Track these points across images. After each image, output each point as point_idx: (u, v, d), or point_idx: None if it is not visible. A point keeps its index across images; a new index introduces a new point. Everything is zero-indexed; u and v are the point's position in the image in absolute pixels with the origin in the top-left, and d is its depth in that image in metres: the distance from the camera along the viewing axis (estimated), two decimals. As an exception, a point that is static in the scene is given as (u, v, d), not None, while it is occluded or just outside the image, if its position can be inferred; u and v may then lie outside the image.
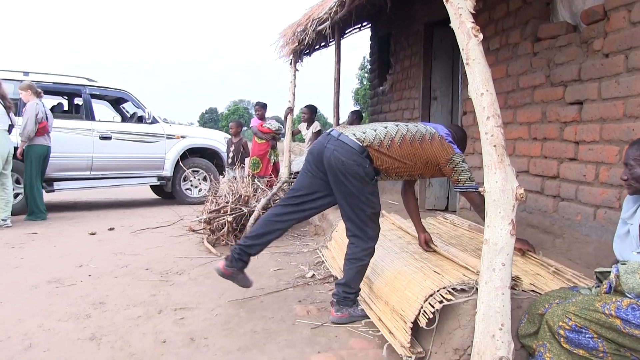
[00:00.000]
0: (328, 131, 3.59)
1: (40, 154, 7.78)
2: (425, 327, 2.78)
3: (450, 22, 2.47)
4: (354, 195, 3.37)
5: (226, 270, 3.73)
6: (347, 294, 3.46)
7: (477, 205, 3.38)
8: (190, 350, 3.11)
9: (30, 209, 7.82)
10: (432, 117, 6.59)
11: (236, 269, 3.74)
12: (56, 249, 5.89)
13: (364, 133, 3.41)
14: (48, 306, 3.90)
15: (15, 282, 4.54)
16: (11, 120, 7.41)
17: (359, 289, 3.55)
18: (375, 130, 3.44)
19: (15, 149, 7.61)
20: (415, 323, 2.82)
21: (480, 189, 2.41)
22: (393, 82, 7.95)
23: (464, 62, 2.39)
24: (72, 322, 3.56)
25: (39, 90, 7.80)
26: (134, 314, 3.72)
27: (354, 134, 3.39)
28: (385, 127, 3.48)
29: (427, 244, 3.86)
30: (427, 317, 2.75)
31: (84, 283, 4.51)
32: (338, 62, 7.33)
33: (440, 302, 2.76)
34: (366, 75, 39.45)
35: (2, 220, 7.18)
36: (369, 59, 9.64)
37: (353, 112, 8.60)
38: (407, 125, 3.52)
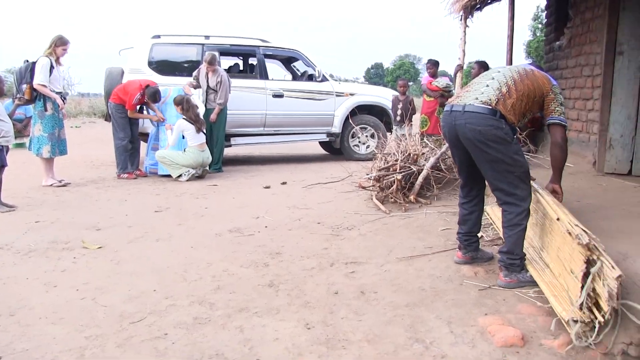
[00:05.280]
0: (448, 109, 3.53)
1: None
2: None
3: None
4: (499, 161, 3.30)
5: (464, 256, 3.83)
6: (512, 260, 3.38)
7: (559, 143, 3.44)
8: (361, 303, 3.20)
9: (215, 161, 8.51)
10: (616, 74, 6.01)
11: (471, 251, 3.82)
12: (234, 201, 6.34)
13: (482, 94, 3.38)
14: (231, 253, 4.23)
15: (202, 229, 4.98)
16: None
17: (524, 254, 3.44)
18: (488, 86, 3.42)
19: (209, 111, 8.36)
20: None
21: None
22: (571, 37, 7.34)
23: None
24: (252, 269, 3.83)
25: None
26: (308, 265, 3.91)
27: (476, 99, 3.36)
28: (493, 78, 3.47)
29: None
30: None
31: (261, 234, 4.82)
32: (512, 18, 6.94)
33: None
34: (540, 26, 37.03)
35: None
36: (544, 10, 8.99)
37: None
38: (506, 68, 3.57)
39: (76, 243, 4.51)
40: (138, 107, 8.02)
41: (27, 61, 7.08)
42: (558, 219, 3.14)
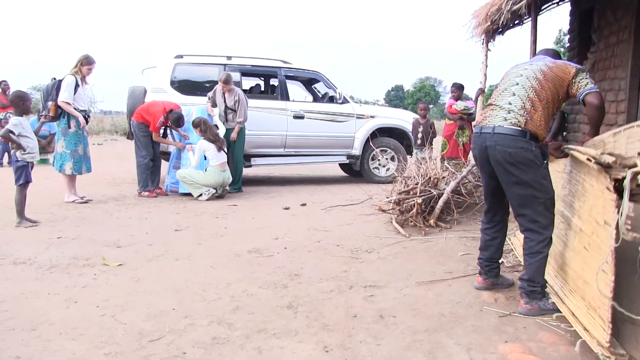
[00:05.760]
0: (477, 131, 3.52)
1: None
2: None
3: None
4: (526, 185, 3.29)
5: (484, 282, 3.82)
6: (533, 287, 3.34)
7: (596, 105, 3.29)
8: (380, 327, 3.18)
9: (235, 181, 8.53)
10: (642, 100, 5.96)
11: (492, 277, 3.81)
12: (254, 221, 6.35)
13: (509, 113, 3.34)
14: (250, 273, 4.22)
15: (222, 249, 4.99)
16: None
17: (546, 281, 3.41)
18: (511, 104, 3.37)
19: (229, 131, 8.44)
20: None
21: None
22: (595, 61, 7.30)
23: None
24: (271, 290, 3.82)
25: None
26: (327, 287, 3.90)
27: (505, 120, 3.33)
28: (514, 94, 3.40)
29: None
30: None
31: (281, 255, 4.81)
32: (534, 42, 6.92)
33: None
34: (562, 50, 36.92)
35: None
36: (567, 34, 8.95)
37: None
38: (523, 77, 3.44)
39: (97, 260, 4.54)
40: (162, 130, 8.12)
41: (54, 79, 7.22)
42: (588, 159, 2.95)
